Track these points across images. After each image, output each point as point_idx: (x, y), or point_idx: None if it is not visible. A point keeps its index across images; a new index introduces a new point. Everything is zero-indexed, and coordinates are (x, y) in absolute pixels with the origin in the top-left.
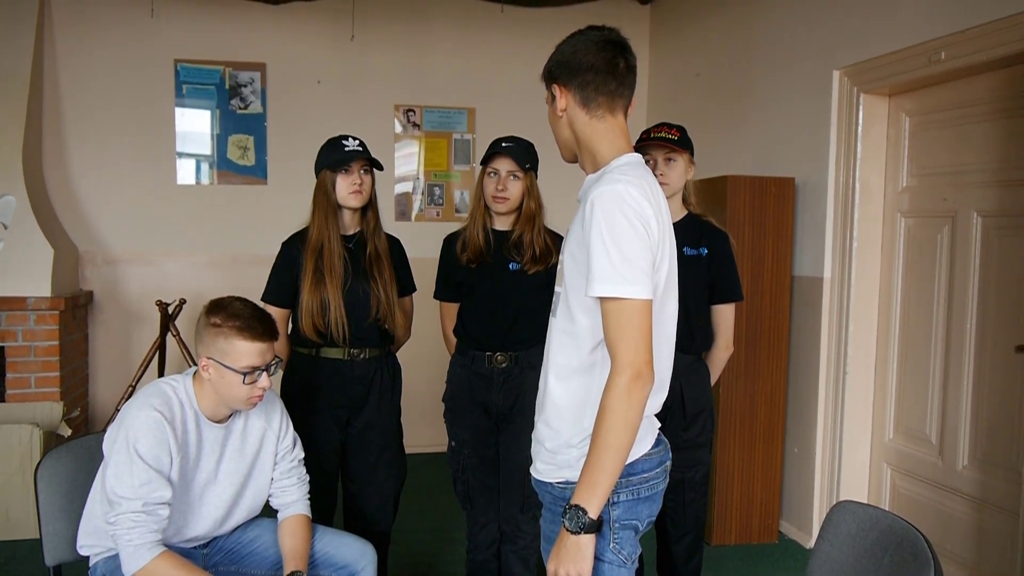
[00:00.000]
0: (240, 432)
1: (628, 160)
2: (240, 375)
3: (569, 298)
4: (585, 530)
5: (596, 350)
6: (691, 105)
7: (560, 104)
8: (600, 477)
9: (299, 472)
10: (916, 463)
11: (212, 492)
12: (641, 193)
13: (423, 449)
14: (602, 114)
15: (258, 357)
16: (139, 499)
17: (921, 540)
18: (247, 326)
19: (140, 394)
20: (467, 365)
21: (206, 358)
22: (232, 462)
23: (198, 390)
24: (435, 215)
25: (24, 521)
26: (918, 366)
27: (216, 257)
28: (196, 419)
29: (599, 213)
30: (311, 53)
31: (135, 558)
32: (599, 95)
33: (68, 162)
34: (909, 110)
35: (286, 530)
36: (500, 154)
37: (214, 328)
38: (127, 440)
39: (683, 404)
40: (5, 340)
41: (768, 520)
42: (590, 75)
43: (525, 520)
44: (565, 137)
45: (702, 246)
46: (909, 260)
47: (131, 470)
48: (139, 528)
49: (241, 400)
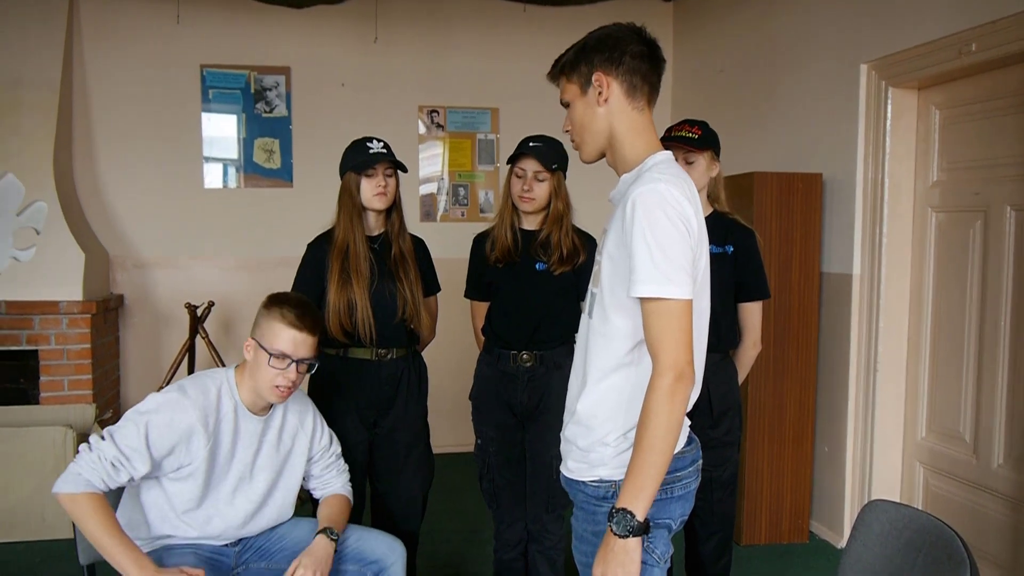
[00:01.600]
0: (277, 429)
1: (663, 158)
2: (268, 355)
3: (605, 299)
4: (633, 533)
5: (633, 351)
6: (716, 102)
7: (604, 94)
8: (646, 479)
9: (338, 465)
10: (950, 462)
11: (248, 486)
12: (681, 192)
13: (449, 449)
14: (643, 106)
15: (291, 345)
16: (119, 452)
17: (956, 540)
18: (289, 312)
19: (190, 380)
20: (493, 363)
21: (251, 338)
22: (268, 457)
23: (239, 378)
24: (460, 215)
25: (59, 522)
26: (951, 363)
27: (243, 260)
28: (235, 408)
29: (641, 213)
30: (335, 56)
31: (70, 482)
32: (644, 84)
33: (97, 168)
34: (939, 103)
35: (325, 503)
36: (526, 154)
37: (265, 311)
38: (151, 407)
39: (710, 402)
40: (38, 343)
41: (798, 520)
42: (637, 62)
43: (551, 520)
44: (599, 130)
45: (728, 244)
46: (940, 256)
47: (132, 431)
48: (96, 468)
49: (267, 385)
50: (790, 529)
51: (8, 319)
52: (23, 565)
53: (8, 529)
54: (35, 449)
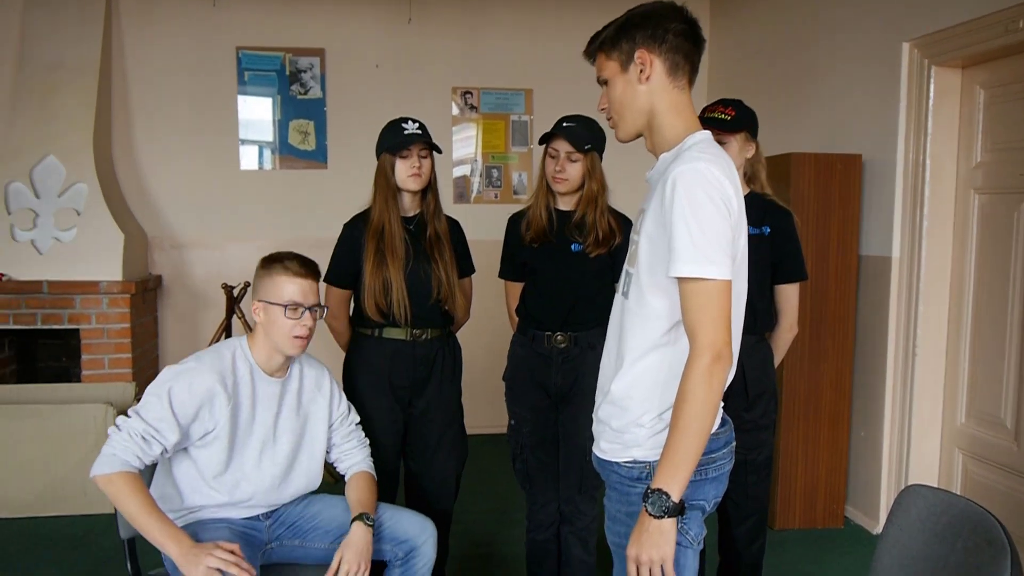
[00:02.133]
0: (295, 392)
1: (703, 137)
2: (282, 307)
3: (642, 279)
4: (669, 514)
5: (670, 332)
6: (753, 82)
7: (647, 71)
8: (682, 460)
9: (358, 435)
10: (990, 448)
11: (271, 449)
12: (721, 171)
13: (482, 430)
14: (684, 85)
15: (299, 293)
16: (147, 424)
17: (997, 526)
18: (289, 264)
19: (200, 352)
20: (527, 344)
21: (256, 301)
22: (288, 419)
23: (252, 343)
24: (493, 197)
25: (100, 496)
26: (992, 348)
27: (279, 241)
28: (251, 372)
29: (681, 192)
30: (369, 37)
31: (105, 463)
32: (686, 63)
33: (136, 150)
34: (984, 82)
35: (352, 484)
36: (558, 135)
37: (262, 271)
38: (169, 378)
39: (745, 385)
40: (79, 323)
41: (833, 505)
42: (679, 40)
43: (583, 500)
44: (639, 108)
45: (764, 225)
46: (983, 238)
47: (156, 402)
48: (129, 445)
49: (287, 337)
50: (825, 514)
51: (50, 299)
52: (66, 539)
53: (52, 503)
54: (77, 426)
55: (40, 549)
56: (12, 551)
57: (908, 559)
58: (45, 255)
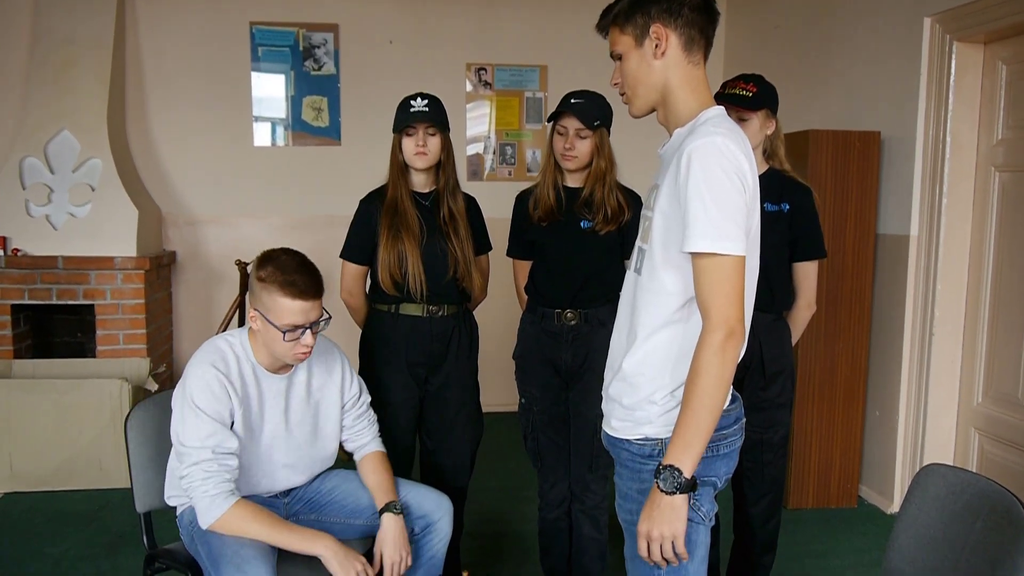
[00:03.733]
0: (304, 383)
1: (717, 112)
2: (281, 332)
3: (656, 255)
4: (680, 490)
5: (683, 308)
6: (771, 58)
7: (662, 46)
8: (694, 436)
9: (369, 415)
10: (1007, 428)
11: (282, 443)
12: (737, 146)
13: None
14: (699, 59)
15: (300, 315)
16: (207, 448)
17: (1017, 504)
18: (289, 282)
19: (198, 352)
20: (537, 323)
21: (254, 309)
22: (299, 412)
23: (253, 342)
24: (507, 174)
25: (116, 471)
26: (1012, 327)
27: (292, 218)
28: (254, 371)
29: (697, 166)
30: (383, 13)
31: (212, 508)
32: (702, 38)
33: (150, 127)
34: (1006, 58)
35: (367, 467)
36: (567, 112)
37: (260, 282)
38: (185, 396)
39: (762, 364)
40: (95, 298)
41: (847, 484)
42: (695, 15)
43: (594, 479)
44: (653, 84)
45: (783, 202)
46: (1003, 217)
47: (197, 423)
48: (212, 478)
49: (285, 356)
50: (839, 493)
51: (65, 274)
52: (83, 512)
53: (68, 477)
54: (92, 401)
55: (56, 523)
56: (29, 525)
57: (927, 538)
58: (60, 231)
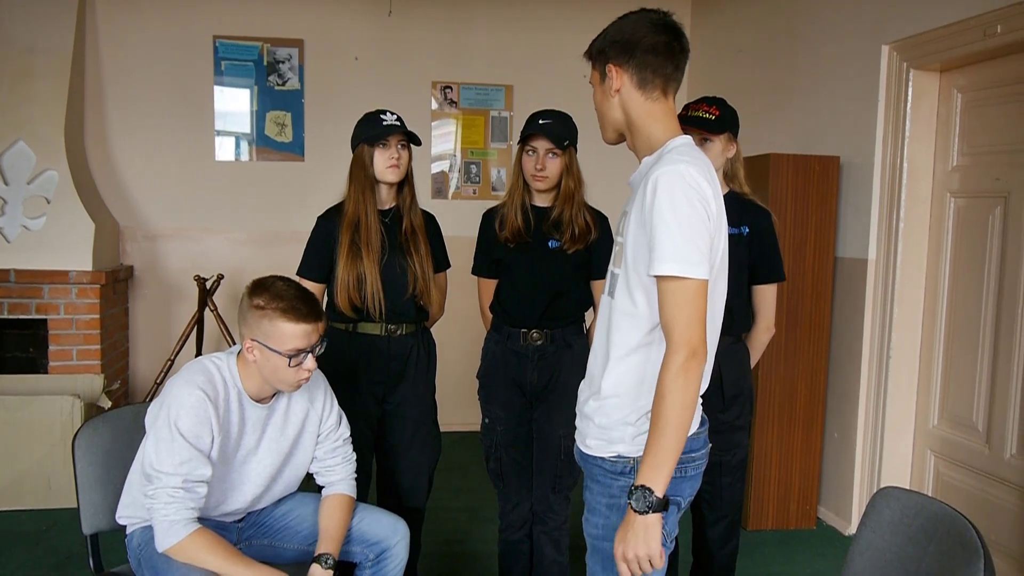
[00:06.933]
0: (283, 412)
1: (683, 141)
2: (286, 359)
3: (630, 279)
4: (653, 509)
5: (652, 331)
6: (734, 81)
7: (615, 84)
8: (663, 456)
9: (344, 451)
10: (962, 451)
11: (252, 470)
12: (701, 174)
13: (456, 428)
14: (657, 96)
15: (303, 339)
16: (179, 475)
17: (970, 528)
18: (291, 307)
19: (184, 371)
20: (502, 342)
21: (250, 340)
22: (273, 441)
23: (242, 370)
24: (472, 193)
25: (65, 490)
26: (966, 351)
27: (254, 233)
28: (239, 399)
29: (663, 193)
30: (349, 29)
31: (169, 534)
32: (656, 77)
33: (109, 138)
34: (962, 86)
35: (326, 509)
36: (537, 133)
37: (258, 310)
38: (169, 417)
39: (721, 386)
40: (48, 313)
41: (806, 506)
42: (649, 56)
43: (557, 500)
44: (614, 118)
45: (743, 224)
46: (958, 242)
47: (172, 447)
48: (176, 504)
49: (288, 383)
50: (797, 515)
51: (18, 287)
52: (29, 532)
53: (15, 497)
54: (43, 418)
55: (2, 543)
56: None
57: (881, 561)
58: (13, 243)
